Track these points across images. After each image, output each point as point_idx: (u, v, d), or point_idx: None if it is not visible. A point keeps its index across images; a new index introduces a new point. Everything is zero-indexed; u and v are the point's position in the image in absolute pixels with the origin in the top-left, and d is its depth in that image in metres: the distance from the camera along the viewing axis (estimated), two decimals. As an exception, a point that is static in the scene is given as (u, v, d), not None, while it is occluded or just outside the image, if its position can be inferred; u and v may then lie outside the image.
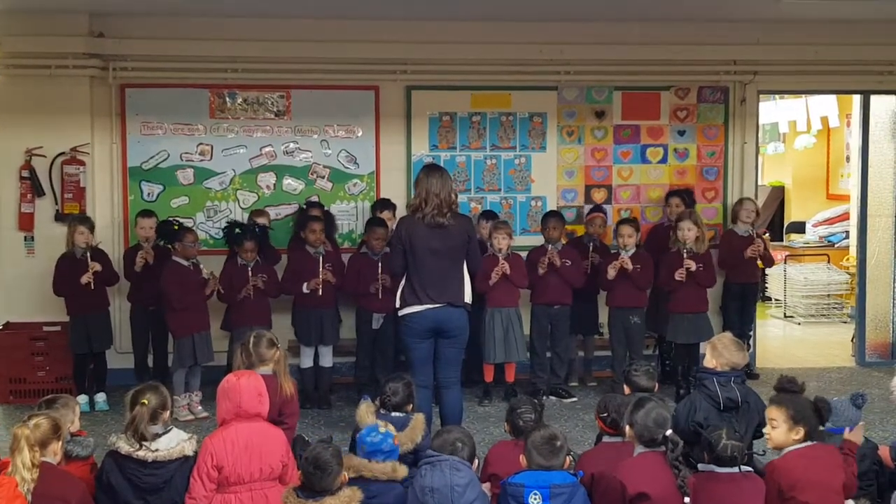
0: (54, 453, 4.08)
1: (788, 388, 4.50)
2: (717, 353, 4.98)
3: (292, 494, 3.74)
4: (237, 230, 7.31)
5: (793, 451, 4.24)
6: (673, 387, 7.63)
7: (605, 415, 4.62)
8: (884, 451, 4.77)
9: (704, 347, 7.39)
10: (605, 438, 4.67)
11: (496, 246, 7.33)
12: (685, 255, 7.36)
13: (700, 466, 4.17)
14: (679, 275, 7.36)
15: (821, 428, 4.48)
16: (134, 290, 7.65)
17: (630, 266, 7.40)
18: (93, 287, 7.20)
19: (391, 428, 4.39)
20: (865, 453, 4.69)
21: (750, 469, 4.18)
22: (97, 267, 7.20)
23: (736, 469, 4.05)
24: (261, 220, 7.65)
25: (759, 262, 8.22)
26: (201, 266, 7.17)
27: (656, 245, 7.91)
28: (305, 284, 7.24)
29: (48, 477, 3.72)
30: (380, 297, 7.20)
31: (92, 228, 7.35)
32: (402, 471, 4.24)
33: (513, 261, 7.39)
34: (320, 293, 7.23)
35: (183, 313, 7.08)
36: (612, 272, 7.43)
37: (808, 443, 4.26)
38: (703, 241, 7.49)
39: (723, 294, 8.23)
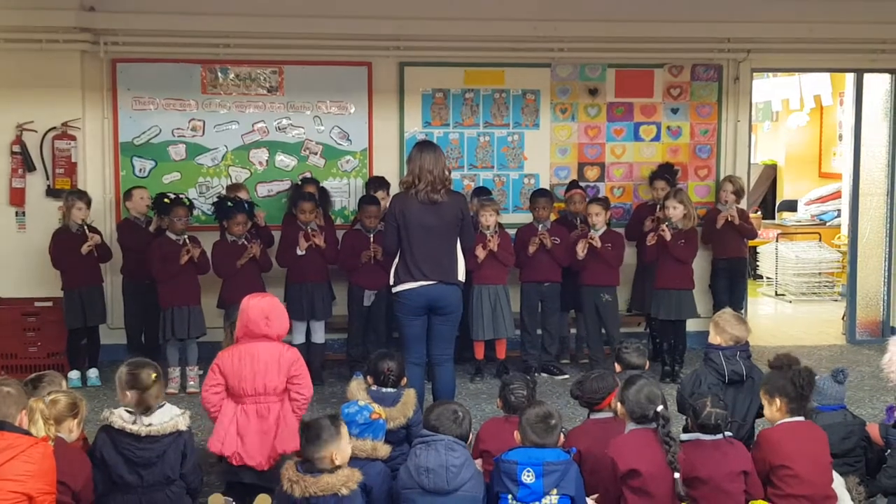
0: (69, 430, 4.16)
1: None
2: (720, 329, 5.04)
3: (292, 468, 3.77)
4: (229, 203, 7.29)
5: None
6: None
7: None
8: (872, 429, 4.82)
9: (690, 325, 7.54)
10: (592, 415, 4.70)
11: (483, 223, 7.32)
12: (666, 228, 7.31)
13: (683, 436, 4.22)
14: (651, 239, 7.35)
15: (810, 406, 4.53)
16: (127, 264, 7.64)
17: (599, 244, 7.39)
18: (96, 255, 7.25)
19: (375, 405, 4.42)
20: (853, 430, 4.73)
21: (731, 434, 4.24)
22: (97, 238, 7.25)
23: (720, 436, 4.13)
24: (241, 195, 7.59)
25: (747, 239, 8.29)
26: (186, 240, 7.13)
27: (641, 223, 7.94)
28: (298, 247, 7.26)
29: (58, 455, 3.71)
30: (372, 263, 7.22)
31: (89, 204, 7.34)
32: (384, 450, 4.27)
33: (500, 238, 7.39)
34: (316, 243, 7.24)
35: (169, 285, 7.12)
36: (580, 251, 7.42)
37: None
38: (691, 219, 7.47)
39: (711, 271, 8.24)
